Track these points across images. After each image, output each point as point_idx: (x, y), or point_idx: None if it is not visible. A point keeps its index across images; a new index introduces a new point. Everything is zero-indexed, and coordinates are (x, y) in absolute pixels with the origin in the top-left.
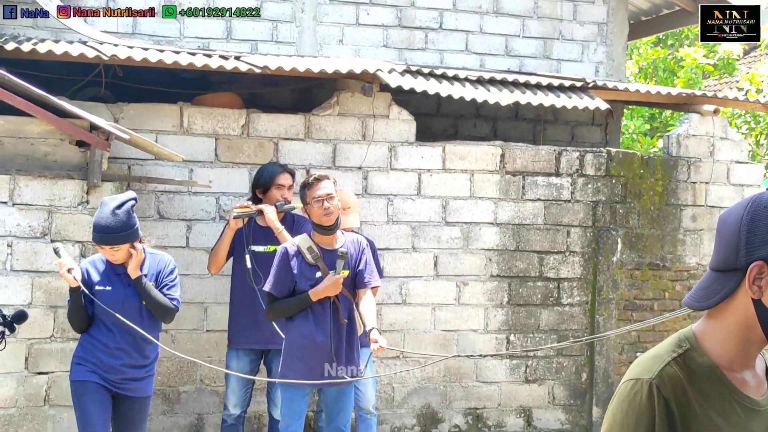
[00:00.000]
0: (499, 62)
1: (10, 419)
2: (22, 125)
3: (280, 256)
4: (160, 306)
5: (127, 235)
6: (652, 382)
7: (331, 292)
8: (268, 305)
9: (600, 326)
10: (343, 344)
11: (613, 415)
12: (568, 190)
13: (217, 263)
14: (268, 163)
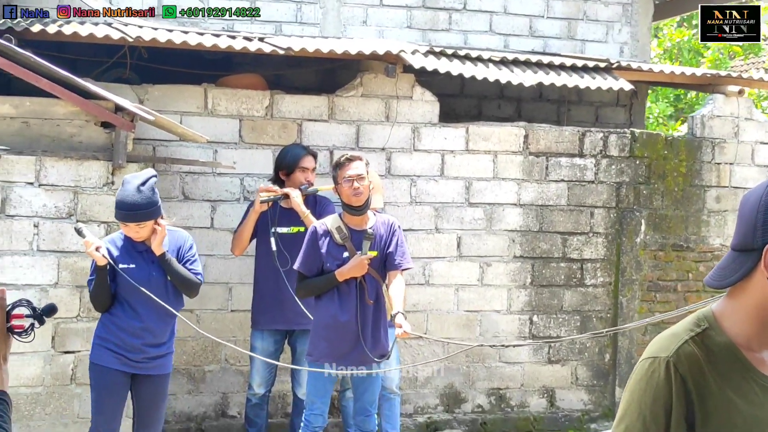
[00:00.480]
0: (523, 43)
1: (37, 398)
2: (48, 106)
3: (310, 235)
4: (185, 281)
5: (152, 211)
6: (670, 361)
7: (357, 273)
8: (298, 283)
9: (623, 307)
10: (369, 325)
11: (630, 393)
12: (591, 171)
13: (241, 245)
14: (291, 145)
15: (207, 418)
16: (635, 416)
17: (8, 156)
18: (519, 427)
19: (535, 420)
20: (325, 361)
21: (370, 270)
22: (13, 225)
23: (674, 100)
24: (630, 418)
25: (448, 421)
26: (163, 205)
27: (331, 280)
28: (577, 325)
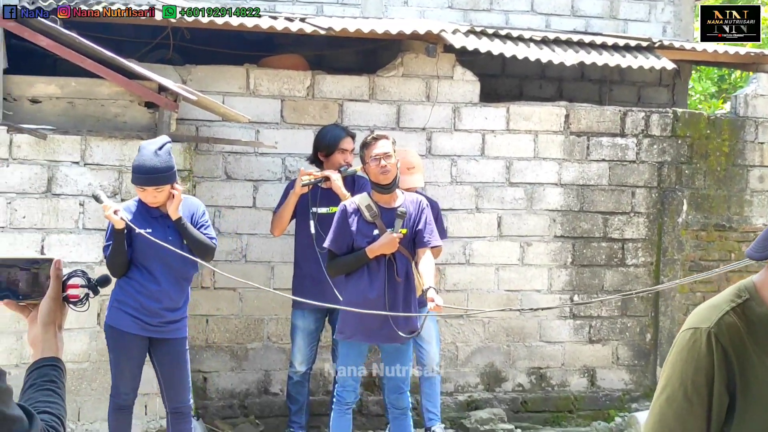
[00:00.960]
0: (564, 23)
1: (83, 373)
2: (93, 87)
3: (340, 213)
4: (201, 244)
5: (170, 175)
6: (711, 331)
7: (387, 250)
8: (328, 262)
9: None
10: (399, 302)
11: (672, 364)
12: (633, 151)
13: (281, 226)
14: (330, 125)
15: (249, 395)
16: (677, 386)
17: (54, 136)
18: (559, 406)
19: (575, 399)
20: (356, 338)
21: (399, 248)
22: (59, 203)
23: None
24: (672, 388)
25: (488, 399)
26: (207, 185)
27: (362, 257)
28: (618, 305)
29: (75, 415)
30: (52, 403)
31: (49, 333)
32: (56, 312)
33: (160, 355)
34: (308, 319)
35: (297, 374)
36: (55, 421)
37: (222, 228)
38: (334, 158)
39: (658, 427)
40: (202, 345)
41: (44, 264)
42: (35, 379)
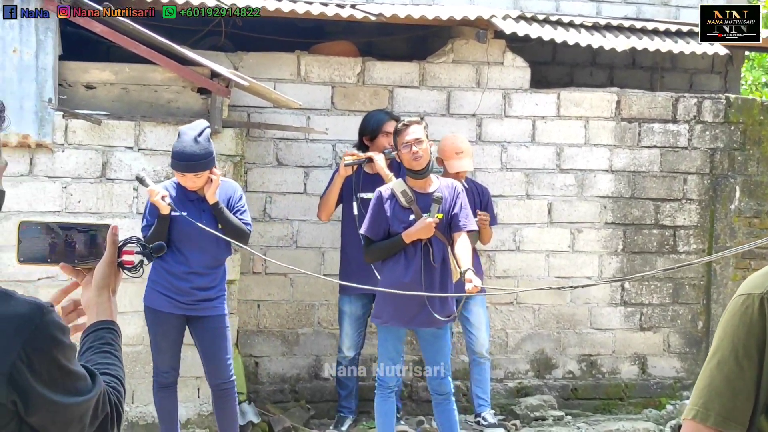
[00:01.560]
0: (616, 9)
1: (137, 356)
2: (146, 73)
3: (375, 199)
4: (236, 229)
5: (209, 161)
6: (764, 297)
7: (424, 235)
8: (365, 248)
9: (716, 274)
10: (436, 287)
11: (723, 328)
12: (685, 137)
13: (327, 210)
14: (374, 110)
15: (300, 379)
16: (728, 350)
17: (109, 121)
18: (610, 393)
19: (626, 387)
20: (393, 323)
21: (435, 232)
22: (113, 188)
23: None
24: (723, 352)
25: (538, 386)
26: (258, 171)
27: (398, 242)
28: (670, 293)
29: (129, 397)
30: (110, 364)
31: (103, 297)
32: (111, 277)
33: (198, 332)
34: (355, 304)
35: (345, 359)
36: (115, 382)
37: (273, 214)
38: (379, 142)
39: (707, 391)
40: (254, 330)
41: (100, 229)
42: (92, 342)
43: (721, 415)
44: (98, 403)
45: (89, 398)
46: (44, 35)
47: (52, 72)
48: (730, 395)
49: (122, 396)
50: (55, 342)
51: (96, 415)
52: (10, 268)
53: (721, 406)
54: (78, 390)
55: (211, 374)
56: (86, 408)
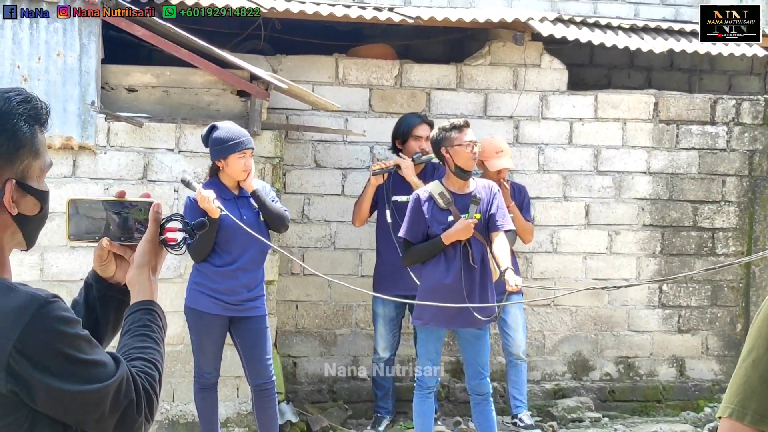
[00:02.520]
0: (654, 11)
1: (177, 355)
2: (187, 76)
3: (413, 202)
4: (278, 215)
5: (251, 140)
6: None
7: (463, 236)
8: (404, 251)
9: (756, 277)
10: (477, 287)
11: (758, 328)
12: (723, 139)
13: (361, 217)
14: (408, 113)
15: (338, 380)
16: (763, 349)
17: (150, 123)
18: (648, 395)
19: (664, 389)
20: (434, 324)
21: (474, 233)
22: (154, 189)
23: None
24: (759, 350)
25: (575, 388)
26: (296, 173)
27: (438, 244)
28: (708, 295)
29: (170, 396)
30: (145, 348)
31: (143, 275)
32: (151, 254)
33: (240, 333)
34: (389, 306)
35: (381, 360)
36: (148, 366)
37: (311, 215)
38: (409, 145)
39: (743, 389)
40: (292, 330)
41: (134, 209)
42: (130, 325)
43: (758, 413)
44: (120, 390)
45: (107, 385)
46: (87, 39)
47: (95, 75)
48: (766, 394)
49: (156, 380)
50: (55, 332)
51: (117, 402)
52: (54, 269)
53: (758, 405)
54: (92, 377)
55: (252, 374)
56: (103, 395)
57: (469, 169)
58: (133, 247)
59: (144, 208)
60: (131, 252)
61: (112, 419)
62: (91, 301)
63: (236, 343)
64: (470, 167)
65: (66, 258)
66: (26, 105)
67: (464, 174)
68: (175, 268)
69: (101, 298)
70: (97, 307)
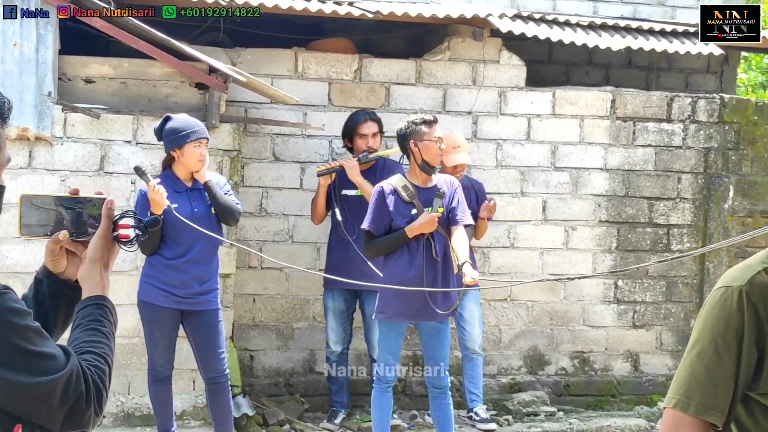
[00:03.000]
0: (612, 9)
1: (133, 348)
2: (145, 68)
3: (377, 194)
4: (228, 207)
5: (206, 130)
6: (742, 289)
7: (427, 229)
8: (366, 243)
9: (709, 273)
10: (439, 281)
11: (703, 321)
12: (679, 137)
13: (318, 215)
14: (356, 111)
15: (295, 373)
16: (708, 341)
17: (107, 115)
18: (602, 390)
19: (618, 384)
20: (396, 317)
21: (437, 227)
22: (111, 181)
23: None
24: (703, 343)
25: (531, 382)
26: (255, 166)
27: (401, 237)
28: (663, 290)
29: (126, 389)
30: (96, 342)
31: (95, 271)
32: (104, 250)
33: (192, 326)
34: (338, 299)
35: (334, 354)
36: (98, 360)
37: (269, 209)
38: (356, 143)
39: (687, 380)
40: (249, 324)
41: (89, 204)
42: (81, 320)
43: (702, 404)
44: (69, 383)
45: (57, 377)
46: (44, 29)
47: (52, 66)
48: (710, 385)
49: (106, 374)
50: (6, 324)
51: (67, 395)
52: (8, 260)
53: (702, 395)
54: (43, 370)
55: (205, 368)
56: (53, 387)
57: (435, 164)
58: (85, 243)
59: (98, 203)
60: (83, 248)
61: (61, 412)
62: (41, 296)
63: (189, 336)
64: (436, 162)
65: (20, 250)
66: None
67: (430, 168)
68: (131, 260)
69: (51, 294)
70: (47, 302)
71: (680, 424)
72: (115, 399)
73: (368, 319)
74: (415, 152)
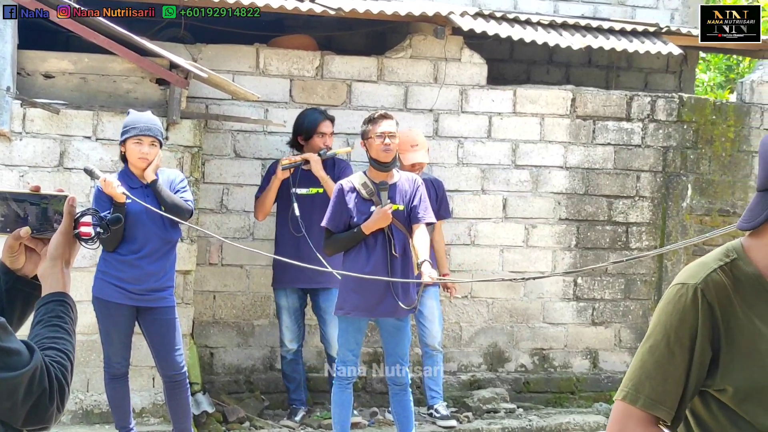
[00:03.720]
0: (573, 8)
1: (93, 345)
2: (105, 63)
3: (337, 192)
4: (176, 206)
5: (160, 134)
6: (698, 287)
7: (382, 224)
8: (325, 240)
9: (668, 271)
10: (398, 277)
11: (658, 315)
12: (638, 135)
13: (264, 210)
14: (309, 109)
15: (255, 371)
16: (660, 336)
17: (67, 110)
18: (562, 387)
19: (578, 381)
20: (356, 313)
21: (396, 223)
22: (71, 177)
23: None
24: (655, 337)
25: (491, 379)
26: (216, 162)
27: (358, 234)
28: (621, 288)
29: (84, 386)
30: (58, 338)
31: (56, 268)
32: (65, 247)
33: (148, 324)
34: (291, 297)
35: (289, 353)
36: (61, 356)
37: (230, 206)
38: (313, 142)
39: (638, 374)
40: (209, 321)
41: (54, 200)
42: (42, 316)
43: (650, 398)
44: (33, 379)
45: (21, 373)
46: (2, 24)
47: (11, 60)
48: (660, 379)
49: (68, 370)
50: None
51: (30, 391)
52: None
53: (651, 389)
54: (7, 366)
55: (162, 366)
56: (17, 383)
57: (383, 160)
58: (45, 240)
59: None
60: (42, 245)
61: (24, 407)
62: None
63: (144, 333)
64: (384, 158)
65: None
66: None
67: (380, 166)
68: (91, 257)
69: (8, 290)
70: (3, 298)
71: (628, 416)
72: (74, 396)
73: (324, 316)
74: (366, 150)
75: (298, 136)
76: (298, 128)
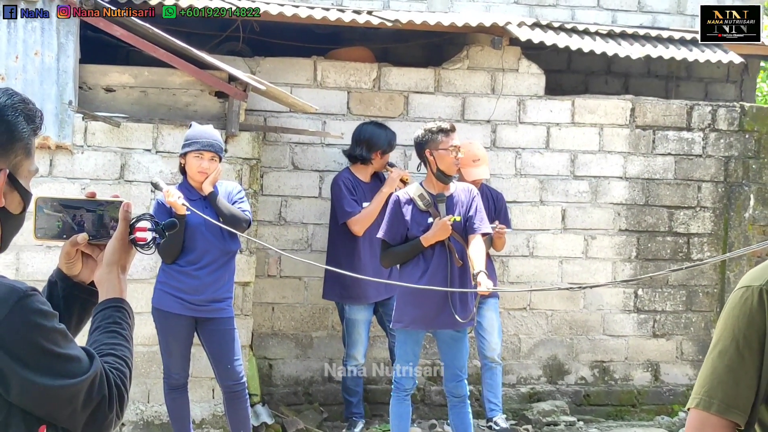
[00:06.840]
0: (631, 18)
1: (153, 356)
2: (165, 76)
3: (393, 204)
4: (234, 217)
5: (221, 149)
6: (763, 288)
7: (442, 236)
8: (382, 252)
9: (730, 282)
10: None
11: (725, 320)
12: (699, 145)
13: (366, 226)
14: (368, 124)
15: (314, 382)
16: (729, 340)
17: (127, 123)
18: (622, 400)
19: (638, 394)
20: (414, 326)
21: (454, 234)
22: (131, 189)
23: None
24: (724, 342)
25: (550, 392)
26: (274, 175)
27: (417, 246)
28: (683, 300)
29: (145, 397)
30: (116, 344)
31: (113, 274)
32: (121, 252)
33: (206, 334)
34: (368, 311)
35: (357, 366)
36: (119, 363)
37: (288, 218)
38: (386, 159)
39: (709, 380)
40: (268, 332)
41: (110, 206)
42: (99, 322)
43: (724, 403)
44: (93, 386)
45: (81, 380)
46: (65, 38)
47: (73, 74)
48: (732, 383)
49: (127, 377)
50: (33, 326)
51: (90, 398)
52: (29, 268)
53: (724, 394)
54: (68, 372)
55: (221, 376)
56: (77, 390)
57: (451, 173)
58: (101, 246)
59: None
60: (99, 251)
61: (83, 415)
62: (54, 299)
63: (203, 344)
64: (452, 171)
65: (42, 258)
66: (24, 105)
67: (446, 178)
68: (151, 268)
69: (65, 297)
70: (60, 305)
71: (704, 423)
72: (134, 407)
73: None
74: (431, 161)
75: (375, 151)
76: (377, 142)
